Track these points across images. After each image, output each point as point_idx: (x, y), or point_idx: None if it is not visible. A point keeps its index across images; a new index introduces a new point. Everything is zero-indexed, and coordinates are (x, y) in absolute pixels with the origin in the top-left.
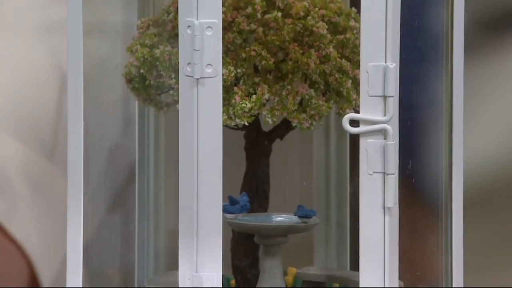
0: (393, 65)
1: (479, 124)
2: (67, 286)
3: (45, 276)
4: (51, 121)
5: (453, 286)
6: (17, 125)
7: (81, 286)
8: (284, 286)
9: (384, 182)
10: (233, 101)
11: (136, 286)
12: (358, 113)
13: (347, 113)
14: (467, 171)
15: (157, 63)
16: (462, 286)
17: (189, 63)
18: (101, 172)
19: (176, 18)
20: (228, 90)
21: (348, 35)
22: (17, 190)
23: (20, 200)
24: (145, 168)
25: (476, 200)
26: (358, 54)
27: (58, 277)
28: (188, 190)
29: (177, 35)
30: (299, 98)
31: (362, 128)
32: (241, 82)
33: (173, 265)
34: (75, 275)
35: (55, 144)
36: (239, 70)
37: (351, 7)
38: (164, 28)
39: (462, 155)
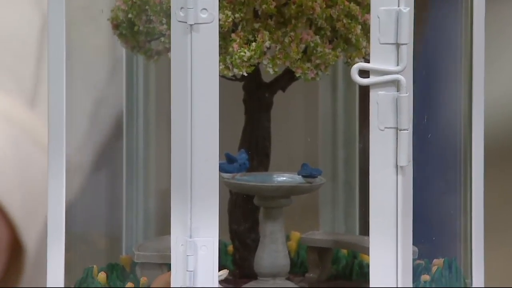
0: (407, 10)
1: (500, 72)
2: (48, 253)
3: (28, 238)
4: (32, 66)
5: (473, 250)
6: None
7: (63, 254)
8: (287, 252)
9: (397, 138)
10: (230, 49)
11: (123, 252)
12: (368, 62)
13: (356, 62)
14: (488, 124)
15: (147, 7)
16: (482, 249)
17: (182, 8)
18: (85, 125)
19: None
20: (225, 37)
21: None
22: None
23: None
24: (134, 122)
25: (496, 155)
26: None
27: (42, 239)
28: (181, 147)
29: None
30: (303, 45)
31: (372, 79)
32: (239, 28)
33: (165, 229)
34: (56, 240)
35: (36, 90)
36: (237, 15)
37: None
38: None
39: (483, 107)
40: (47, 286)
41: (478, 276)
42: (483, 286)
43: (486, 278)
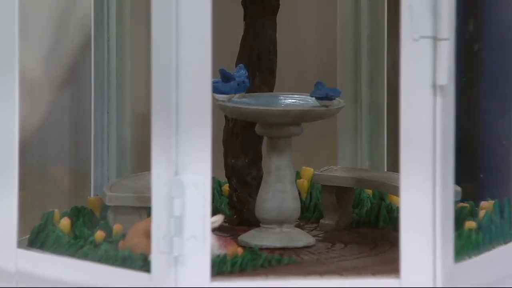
0: None
1: None
2: None
3: None
4: None
5: None
6: None
7: (16, 195)
8: (297, 193)
9: (435, 51)
10: None
11: (92, 192)
12: None
13: None
14: None
15: None
16: None
17: None
18: (42, 32)
19: None
20: None
21: None
22: None
23: None
24: (104, 29)
25: None
26: None
27: None
28: (164, 61)
29: None
30: None
31: None
32: None
33: (143, 165)
34: (7, 178)
35: None
36: None
37: None
38: None
39: None
40: None
41: None
42: None
43: None
